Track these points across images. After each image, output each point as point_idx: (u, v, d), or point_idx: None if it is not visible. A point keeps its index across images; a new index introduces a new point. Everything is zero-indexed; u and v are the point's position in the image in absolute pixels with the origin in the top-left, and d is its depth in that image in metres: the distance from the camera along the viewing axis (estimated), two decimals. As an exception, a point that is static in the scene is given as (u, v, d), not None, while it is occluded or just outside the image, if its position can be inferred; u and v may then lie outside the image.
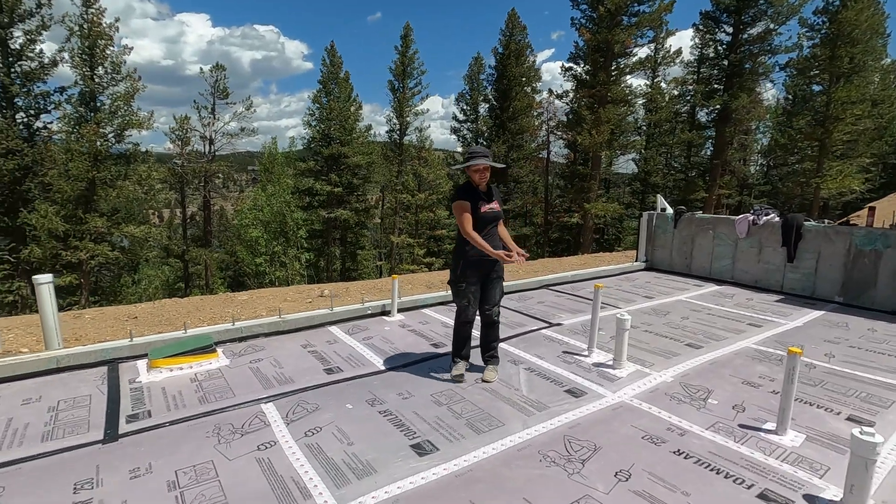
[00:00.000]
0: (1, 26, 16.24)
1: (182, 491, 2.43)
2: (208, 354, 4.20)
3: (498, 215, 3.76)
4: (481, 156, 3.61)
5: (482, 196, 3.68)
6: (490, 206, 3.68)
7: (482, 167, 3.60)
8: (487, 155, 3.69)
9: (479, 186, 3.67)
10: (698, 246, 8.19)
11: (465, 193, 3.67)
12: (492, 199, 3.72)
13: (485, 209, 3.65)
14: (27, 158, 16.66)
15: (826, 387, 3.73)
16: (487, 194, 3.71)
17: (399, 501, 2.37)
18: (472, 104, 27.52)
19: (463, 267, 3.72)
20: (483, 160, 3.59)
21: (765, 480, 2.55)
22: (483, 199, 3.67)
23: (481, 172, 3.62)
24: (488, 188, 3.75)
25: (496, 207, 3.73)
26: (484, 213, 3.64)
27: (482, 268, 3.71)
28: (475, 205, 3.63)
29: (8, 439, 2.93)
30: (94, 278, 19.41)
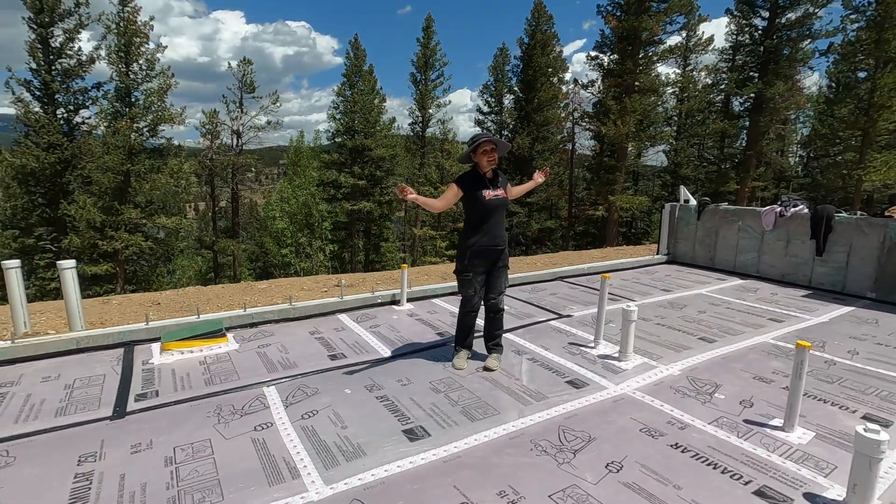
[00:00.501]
0: (42, 25, 17.01)
1: (178, 466, 2.52)
2: (218, 339, 4.33)
3: (504, 202, 3.71)
4: (486, 138, 3.57)
5: (487, 183, 3.63)
6: (495, 192, 3.63)
7: (490, 148, 3.55)
8: (490, 137, 3.64)
9: (486, 173, 3.62)
10: (722, 239, 7.91)
11: (465, 180, 3.65)
12: (497, 185, 3.67)
13: (489, 196, 3.60)
14: (67, 152, 17.46)
15: (844, 384, 3.55)
16: (493, 181, 3.66)
17: (384, 483, 2.39)
18: (496, 96, 27.24)
19: (470, 257, 3.70)
20: (487, 141, 3.54)
21: (764, 477, 2.45)
22: (488, 187, 3.62)
23: (489, 154, 3.57)
24: (495, 175, 3.69)
25: (501, 194, 3.67)
26: (489, 199, 3.59)
27: (488, 257, 3.68)
28: (479, 192, 3.60)
29: (24, 413, 3.09)
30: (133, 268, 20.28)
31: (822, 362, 3.97)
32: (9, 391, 3.40)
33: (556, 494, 2.30)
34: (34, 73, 17.31)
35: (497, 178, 3.70)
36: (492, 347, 3.87)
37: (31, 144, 17.03)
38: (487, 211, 3.61)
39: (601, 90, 23.35)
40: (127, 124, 16.98)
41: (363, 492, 2.33)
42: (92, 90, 18.52)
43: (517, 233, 26.03)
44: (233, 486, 2.35)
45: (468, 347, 3.92)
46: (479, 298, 3.78)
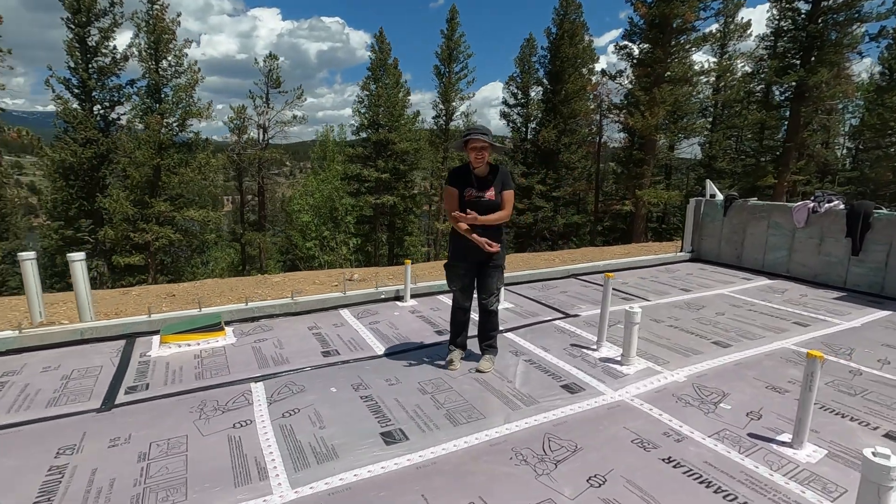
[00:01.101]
0: (79, 25, 17.69)
1: (150, 462, 2.50)
2: (216, 332, 4.34)
3: (489, 204, 3.43)
4: (479, 132, 3.39)
5: (473, 182, 3.45)
6: (479, 193, 3.42)
7: (479, 145, 3.37)
8: (487, 133, 3.44)
9: (475, 169, 3.46)
10: (750, 236, 7.48)
11: (452, 178, 3.51)
12: (487, 186, 3.44)
13: (471, 196, 3.41)
14: (102, 147, 18.17)
15: (868, 397, 3.25)
16: (483, 181, 3.44)
17: (350, 489, 2.31)
18: (522, 87, 26.72)
19: (455, 252, 3.58)
20: (481, 136, 3.36)
21: (761, 499, 2.24)
22: (473, 186, 3.44)
23: (478, 151, 3.38)
24: (491, 173, 3.48)
25: (487, 196, 3.42)
26: (468, 199, 3.41)
27: (474, 255, 3.51)
28: (462, 191, 3.45)
29: (18, 403, 3.16)
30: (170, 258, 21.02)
31: (847, 372, 3.66)
32: (9, 381, 3.49)
33: (527, 503, 2.16)
34: (72, 72, 18.06)
35: (489, 178, 3.46)
36: (485, 348, 3.73)
37: (70, 140, 17.81)
38: (468, 208, 3.45)
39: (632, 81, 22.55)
40: (156, 120, 17.52)
41: (327, 497, 2.25)
42: (126, 87, 19.20)
43: (542, 227, 25.58)
44: (198, 486, 2.31)
45: (461, 347, 3.80)
46: (467, 296, 3.64)
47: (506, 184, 3.54)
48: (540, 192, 24.73)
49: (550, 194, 25.06)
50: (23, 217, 22.35)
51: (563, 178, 25.44)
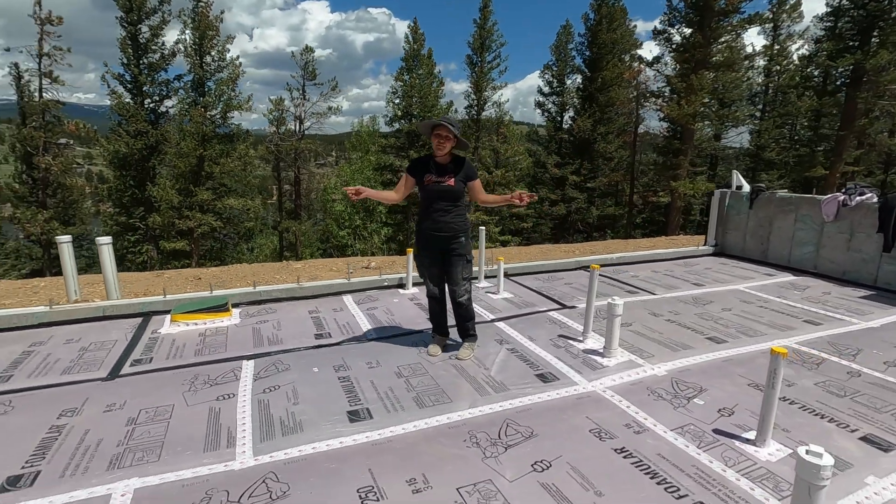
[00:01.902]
0: (131, 23, 18.78)
1: (135, 427, 2.75)
2: (222, 313, 4.63)
3: (448, 190, 3.44)
4: (448, 123, 3.43)
5: (433, 168, 3.49)
6: (438, 179, 3.44)
7: (444, 133, 3.40)
8: (454, 126, 3.45)
9: (438, 158, 3.48)
10: (777, 230, 7.12)
11: (414, 165, 3.59)
12: (446, 173, 3.45)
13: (429, 181, 3.45)
14: (152, 139, 19.30)
15: (858, 399, 3.10)
16: (443, 168, 3.47)
17: (305, 460, 2.46)
18: (558, 76, 26.10)
19: (417, 241, 3.66)
20: (448, 126, 3.39)
21: (705, 493, 2.22)
22: (432, 172, 3.47)
23: (441, 139, 3.40)
24: (453, 163, 3.49)
25: (446, 182, 3.43)
26: (427, 184, 3.46)
27: (435, 243, 3.54)
28: (421, 177, 3.50)
29: (38, 370, 3.52)
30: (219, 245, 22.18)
31: (845, 373, 3.49)
32: (35, 350, 3.88)
33: (466, 487, 2.24)
34: (125, 68, 19.23)
35: (450, 167, 3.48)
36: (463, 337, 3.80)
37: (123, 132, 19.02)
38: (427, 196, 3.49)
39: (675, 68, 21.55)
40: (200, 112, 18.42)
41: (282, 466, 2.41)
42: (174, 81, 20.28)
43: (576, 219, 25.08)
44: (171, 450, 2.54)
45: (442, 334, 3.88)
46: (435, 284, 3.69)
47: (470, 175, 3.56)
48: (574, 182, 24.22)
49: (585, 185, 24.48)
50: (94, 203, 23.96)
51: (598, 169, 24.77)
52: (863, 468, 2.40)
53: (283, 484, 2.27)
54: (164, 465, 2.40)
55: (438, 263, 3.61)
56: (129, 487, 2.24)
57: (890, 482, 2.30)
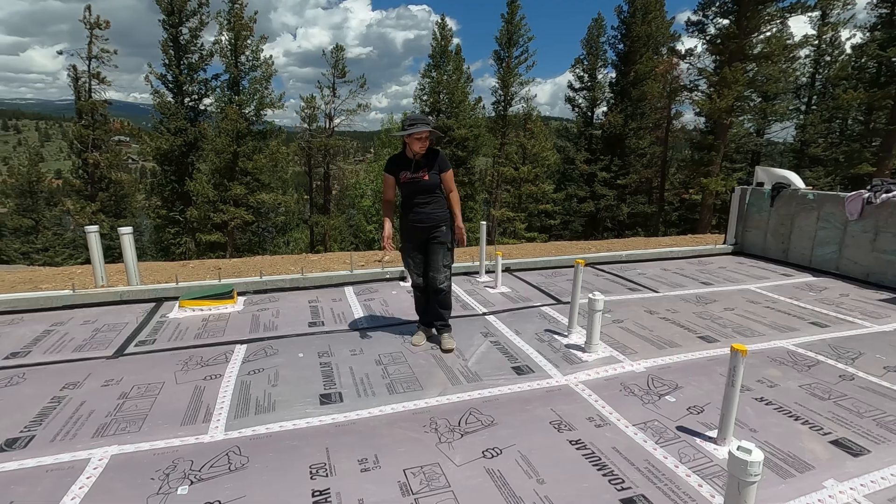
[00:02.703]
0: (173, 25, 19.72)
1: (125, 400, 2.98)
2: (226, 300, 4.88)
3: (424, 185, 3.56)
4: (421, 122, 3.50)
5: (407, 165, 3.57)
6: (413, 175, 3.55)
7: (424, 135, 3.48)
8: (428, 122, 3.56)
9: (415, 155, 3.56)
10: (798, 229, 6.80)
11: (389, 164, 3.67)
12: (420, 168, 3.56)
13: (405, 178, 3.55)
14: (190, 136, 20.24)
15: (841, 402, 2.98)
16: (417, 163, 3.56)
17: (270, 437, 2.61)
18: (589, 70, 25.53)
19: (402, 235, 3.76)
20: (423, 127, 3.47)
21: (650, 487, 2.22)
22: (408, 169, 3.56)
23: (422, 141, 3.49)
24: (428, 157, 3.58)
25: (420, 177, 3.55)
26: (403, 181, 3.57)
27: (418, 235, 3.67)
28: (398, 175, 3.59)
29: (54, 347, 3.84)
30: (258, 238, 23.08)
31: (836, 376, 3.35)
32: (55, 329, 4.23)
33: (412, 469, 2.33)
34: (167, 68, 20.23)
35: (423, 161, 3.57)
36: (439, 328, 3.87)
37: (164, 129, 20.04)
38: (406, 191, 3.61)
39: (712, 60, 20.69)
40: (234, 110, 19.16)
41: (248, 441, 2.57)
42: (211, 80, 21.16)
43: (605, 216, 24.55)
44: (152, 422, 2.74)
45: (428, 325, 3.97)
46: (420, 276, 3.79)
47: (443, 167, 3.65)
48: (603, 179, 23.69)
49: (615, 182, 23.90)
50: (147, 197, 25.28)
51: (630, 165, 24.12)
52: (824, 471, 2.33)
53: (243, 457, 2.42)
54: (142, 436, 2.61)
55: (422, 254, 3.72)
56: (108, 453, 2.45)
57: (850, 486, 2.23)
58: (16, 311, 4.66)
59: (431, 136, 3.55)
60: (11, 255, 30.05)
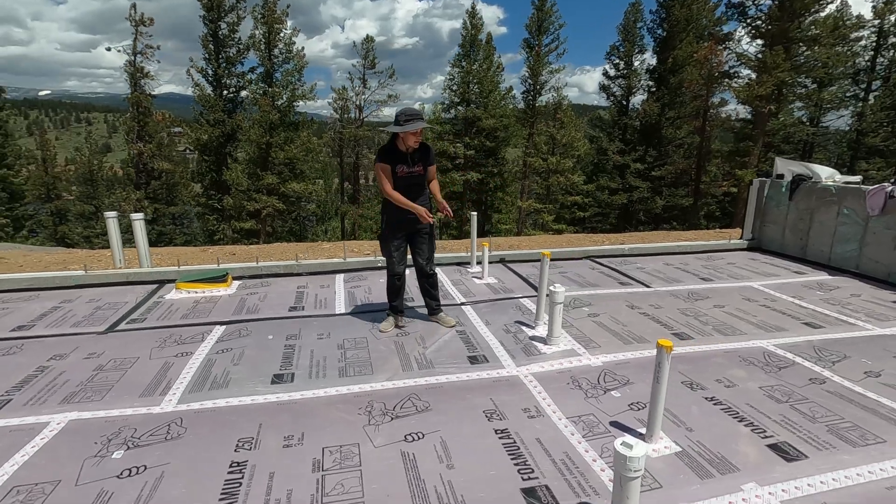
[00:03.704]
0: (212, 21, 20.53)
1: (99, 372, 3.23)
2: (220, 284, 5.14)
3: (418, 178, 3.71)
4: (419, 119, 3.56)
5: (403, 159, 3.64)
6: (410, 170, 3.65)
7: (420, 130, 3.55)
8: (423, 117, 3.63)
9: (408, 149, 3.63)
10: (818, 224, 6.40)
11: (384, 156, 3.71)
12: (415, 162, 3.67)
13: (403, 172, 3.64)
14: (227, 127, 21.10)
15: (798, 406, 2.84)
16: (412, 157, 3.65)
17: (214, 411, 2.77)
18: (625, 57, 24.58)
19: (388, 224, 3.83)
20: (420, 123, 3.53)
21: (557, 479, 2.22)
22: (403, 163, 3.64)
23: (417, 136, 3.58)
24: (416, 150, 3.67)
25: (417, 171, 3.68)
26: (401, 175, 3.65)
27: (405, 226, 3.77)
28: (394, 167, 3.64)
29: (55, 322, 4.19)
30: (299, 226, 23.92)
31: (807, 379, 3.18)
32: (62, 306, 4.60)
33: (332, 447, 2.42)
34: (207, 62, 21.13)
35: (416, 155, 3.66)
36: (434, 308, 4.05)
37: (204, 121, 20.99)
38: (402, 184, 3.66)
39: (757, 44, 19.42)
40: (267, 102, 19.82)
41: (192, 414, 2.74)
42: (248, 73, 21.93)
43: (639, 209, 23.74)
44: (116, 393, 2.97)
45: (397, 312, 4.05)
46: (402, 263, 3.87)
47: (430, 160, 3.78)
48: (637, 170, 22.88)
49: (649, 173, 23.02)
50: (202, 186, 26.54)
51: (667, 156, 23.13)
52: (748, 474, 2.25)
53: (182, 428, 2.59)
54: (102, 404, 2.83)
55: (405, 244, 3.84)
56: (67, 419, 2.68)
57: (769, 491, 2.14)
58: (33, 289, 5.09)
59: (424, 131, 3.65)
60: (75, 238, 32.50)
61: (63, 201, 38.70)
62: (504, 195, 26.24)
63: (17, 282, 5.12)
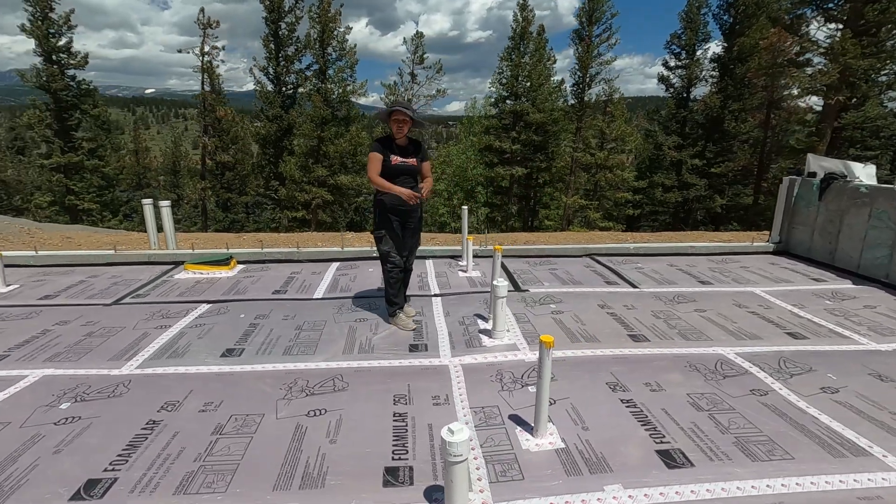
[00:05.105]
0: (273, 21, 21.78)
1: (87, 337, 3.71)
2: (224, 266, 5.61)
3: (410, 169, 3.81)
4: (403, 107, 3.73)
5: (397, 150, 3.80)
6: (403, 159, 3.77)
7: (401, 118, 3.68)
8: (409, 109, 3.77)
9: (398, 140, 3.77)
10: (847, 227, 5.83)
11: (378, 145, 3.87)
12: (408, 154, 3.80)
13: (395, 161, 3.76)
14: (285, 122, 22.36)
15: (717, 415, 2.71)
16: (404, 149, 3.80)
17: (160, 376, 3.12)
18: (687, 46, 23.03)
19: (381, 213, 3.94)
20: (404, 110, 3.68)
21: (425, 462, 2.32)
22: (397, 153, 3.79)
23: (400, 123, 3.70)
24: (411, 145, 3.85)
25: (410, 162, 3.79)
26: (394, 165, 3.76)
27: (397, 215, 3.86)
28: (388, 157, 3.80)
29: (75, 294, 4.80)
30: (359, 217, 24.95)
31: (748, 389, 3.01)
32: (87, 281, 5.25)
33: (238, 415, 2.67)
34: (267, 61, 22.47)
35: (410, 148, 3.83)
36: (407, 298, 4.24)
37: (264, 116, 22.39)
38: (392, 173, 3.77)
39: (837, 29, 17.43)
40: (318, 98, 20.75)
41: (142, 377, 3.10)
42: (305, 70, 23.08)
43: (696, 208, 22.31)
44: (91, 356, 3.41)
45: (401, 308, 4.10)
46: (400, 255, 3.95)
47: (425, 156, 3.94)
48: (693, 167, 21.47)
49: (708, 170, 21.53)
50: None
51: (729, 152, 21.47)
52: (618, 476, 2.23)
53: (128, 389, 2.95)
54: (75, 365, 3.28)
55: (398, 234, 3.90)
56: (42, 374, 3.14)
57: (629, 494, 2.11)
58: (71, 265, 5.84)
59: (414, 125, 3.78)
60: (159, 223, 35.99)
61: (151, 189, 42.84)
62: (553, 191, 25.71)
63: (58, 258, 5.90)
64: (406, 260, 4.00)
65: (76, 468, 2.22)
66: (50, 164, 22.89)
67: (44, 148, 24.17)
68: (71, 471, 2.20)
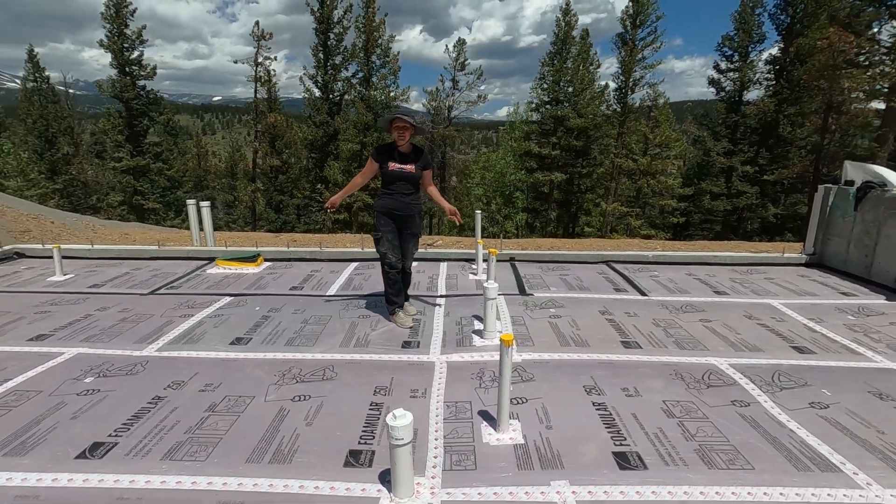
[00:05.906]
0: (322, 32, 22.78)
1: (121, 322, 4.15)
2: (251, 263, 6.02)
3: (408, 176, 3.96)
4: (404, 115, 3.97)
5: (396, 156, 4.01)
6: (401, 165, 3.96)
7: (402, 125, 3.89)
8: (411, 116, 4.00)
9: (400, 147, 3.97)
10: (885, 239, 5.48)
11: (377, 151, 4.10)
12: (408, 160, 3.98)
13: (392, 168, 3.97)
14: (331, 128, 23.29)
15: (686, 423, 2.70)
16: (405, 156, 3.99)
17: (172, 359, 3.46)
18: (740, 48, 21.93)
19: (378, 217, 4.17)
20: (405, 118, 3.89)
21: (384, 448, 2.48)
22: (396, 159, 3.99)
23: (401, 130, 3.91)
24: (413, 152, 4.03)
25: (407, 168, 3.96)
26: (391, 171, 3.97)
27: (394, 219, 4.07)
28: (385, 163, 4.03)
29: (118, 284, 5.33)
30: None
31: (728, 400, 2.96)
32: (131, 273, 5.80)
33: (231, 396, 2.93)
34: (316, 70, 23.51)
35: (411, 155, 4.00)
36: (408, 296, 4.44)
37: (311, 122, 23.42)
38: (390, 178, 4.00)
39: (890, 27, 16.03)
40: (361, 105, 21.48)
41: (157, 359, 3.45)
42: (351, 78, 23.94)
43: (747, 217, 21.16)
44: (121, 338, 3.82)
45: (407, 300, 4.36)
46: (398, 257, 4.13)
47: (426, 164, 4.10)
48: (744, 174, 20.38)
49: (760, 177, 20.37)
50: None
51: (784, 158, 20.22)
52: (567, 473, 2.29)
53: (144, 368, 3.31)
54: (105, 346, 3.69)
55: (395, 237, 4.10)
56: (76, 352, 3.57)
57: (573, 490, 2.19)
58: (120, 258, 6.46)
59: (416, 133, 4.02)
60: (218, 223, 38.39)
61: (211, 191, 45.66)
62: (595, 197, 25.21)
63: (110, 251, 6.54)
64: (403, 262, 4.14)
65: (86, 432, 2.55)
66: (121, 166, 24.99)
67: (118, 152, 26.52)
68: (81, 434, 2.54)
